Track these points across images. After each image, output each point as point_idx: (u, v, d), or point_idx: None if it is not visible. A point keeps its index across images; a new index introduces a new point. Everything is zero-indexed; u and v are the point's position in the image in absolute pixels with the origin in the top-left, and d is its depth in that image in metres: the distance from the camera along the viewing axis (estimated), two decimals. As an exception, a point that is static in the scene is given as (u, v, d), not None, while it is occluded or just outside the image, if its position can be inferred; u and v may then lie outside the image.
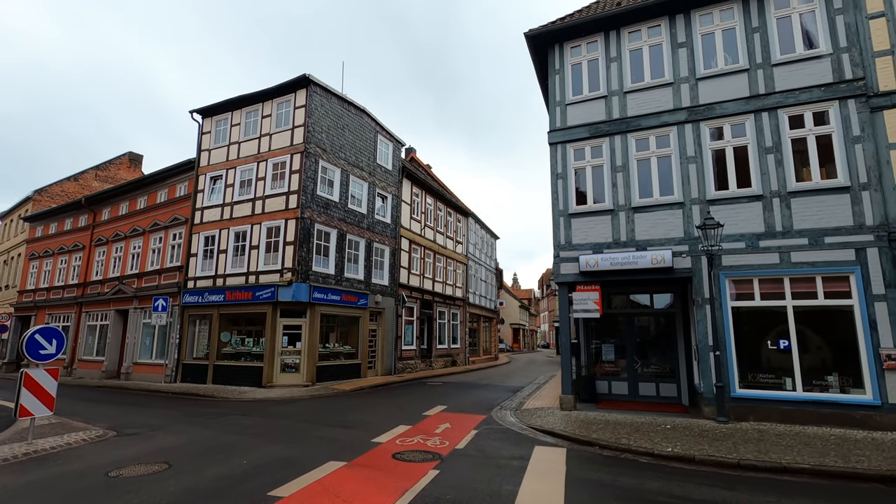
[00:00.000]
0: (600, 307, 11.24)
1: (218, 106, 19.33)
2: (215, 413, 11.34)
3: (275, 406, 12.54)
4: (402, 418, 10.44)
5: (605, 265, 11.01)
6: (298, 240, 16.53)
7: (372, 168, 20.86)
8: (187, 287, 18.74)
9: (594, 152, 11.89)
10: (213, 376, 17.30)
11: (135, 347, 20.29)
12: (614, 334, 13.09)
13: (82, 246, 24.68)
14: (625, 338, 12.80)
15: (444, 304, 26.98)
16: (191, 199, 19.58)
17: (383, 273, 21.20)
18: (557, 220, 11.95)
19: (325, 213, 17.82)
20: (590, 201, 11.74)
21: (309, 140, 17.30)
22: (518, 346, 65.99)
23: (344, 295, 18.24)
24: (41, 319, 25.93)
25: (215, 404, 13.08)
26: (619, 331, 13.04)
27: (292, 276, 16.32)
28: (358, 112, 20.24)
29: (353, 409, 11.94)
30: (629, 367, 12.56)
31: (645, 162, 11.35)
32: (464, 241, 30.78)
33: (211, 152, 19.53)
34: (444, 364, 26.30)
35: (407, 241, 23.28)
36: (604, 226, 11.44)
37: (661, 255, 10.53)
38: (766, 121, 10.30)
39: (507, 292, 64.72)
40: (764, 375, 9.67)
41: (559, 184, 12.08)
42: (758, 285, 9.89)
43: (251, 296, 16.86)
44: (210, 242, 18.69)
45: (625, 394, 12.46)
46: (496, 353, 38.07)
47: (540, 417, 10.35)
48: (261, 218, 17.49)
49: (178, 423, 9.94)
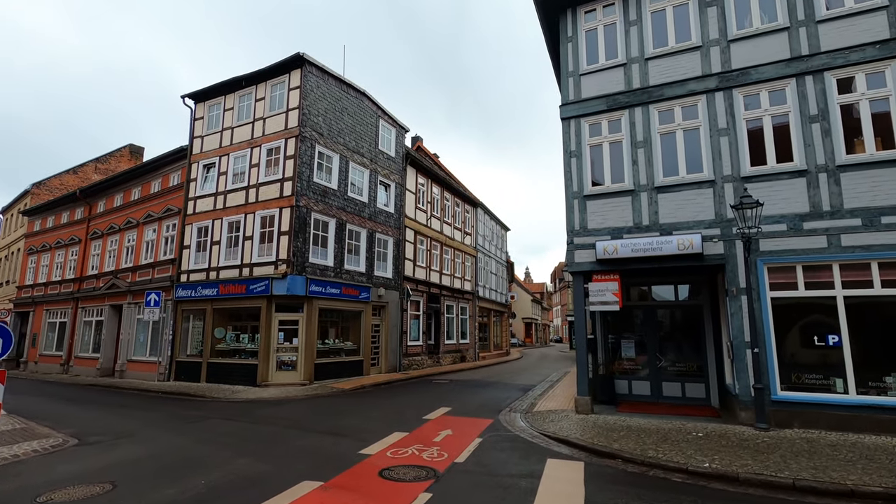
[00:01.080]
0: (620, 299, 10.08)
1: (210, 90, 18.38)
2: (197, 416, 10.42)
3: (265, 408, 11.60)
4: (399, 423, 9.42)
5: (626, 252, 9.83)
6: (294, 229, 15.54)
7: (373, 154, 19.79)
8: (180, 281, 17.90)
9: (612, 127, 10.68)
10: (206, 375, 16.45)
11: (129, 344, 19.55)
12: (634, 329, 11.92)
13: (78, 240, 24.01)
14: (646, 333, 11.62)
15: (452, 298, 25.91)
16: (183, 188, 18.70)
17: (387, 265, 20.18)
18: (571, 202, 10.78)
19: (323, 201, 16.81)
20: (607, 181, 10.55)
21: (304, 123, 16.27)
22: (530, 340, 64.81)
23: (344, 288, 17.25)
24: (39, 315, 25.38)
25: (202, 406, 12.18)
26: (639, 325, 11.87)
27: (287, 269, 15.35)
28: (357, 95, 19.16)
29: (349, 411, 10.95)
30: (651, 366, 11.39)
31: (669, 136, 10.12)
32: (472, 233, 29.64)
33: (204, 139, 18.61)
34: (452, 360, 25.28)
35: (412, 232, 22.22)
36: (623, 208, 10.25)
37: (688, 240, 9.33)
38: (811, 85, 9.01)
39: (519, 286, 63.47)
40: (810, 376, 8.45)
41: (573, 163, 10.90)
42: (801, 273, 8.65)
43: (245, 289, 15.94)
44: (203, 233, 17.80)
45: (647, 395, 11.30)
46: (507, 349, 36.96)
47: (553, 422, 9.25)
48: (254, 207, 16.53)
49: (150, 429, 9.03)
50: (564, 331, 78.07)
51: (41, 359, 24.33)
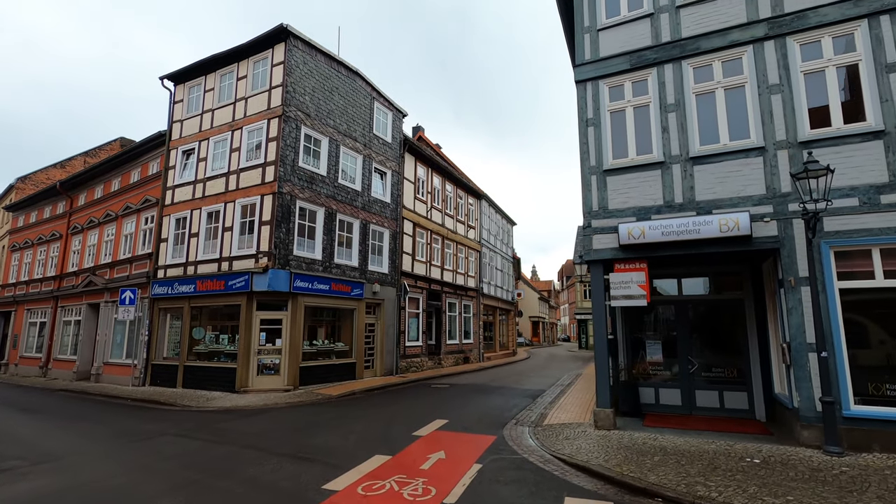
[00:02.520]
0: (647, 292, 8.44)
1: (190, 70, 16.89)
2: (150, 432, 8.91)
3: (234, 420, 10.08)
4: (383, 441, 7.85)
5: (654, 235, 8.19)
6: (276, 219, 14.01)
7: (367, 139, 18.23)
8: (157, 277, 16.44)
9: (637, 89, 9.03)
10: (183, 379, 14.98)
11: (106, 346, 18.14)
12: (661, 327, 10.28)
13: (59, 235, 22.68)
14: (676, 331, 9.96)
15: (454, 295, 24.31)
16: (161, 177, 17.24)
17: (382, 259, 18.62)
18: (588, 179, 9.15)
19: (310, 188, 15.27)
20: (631, 153, 8.90)
21: (288, 102, 14.73)
22: (538, 339, 63.06)
23: (334, 284, 15.71)
24: (20, 315, 24.10)
25: (165, 417, 10.69)
26: (667, 322, 10.22)
27: (269, 262, 13.83)
28: (350, 74, 17.60)
29: (328, 424, 9.39)
30: (682, 370, 9.73)
31: (707, 97, 8.46)
32: (476, 226, 28.01)
33: (183, 123, 17.14)
34: (454, 361, 23.69)
35: (410, 224, 20.64)
36: (651, 184, 8.60)
37: (733, 220, 7.67)
38: (888, 27, 7.32)
39: (526, 283, 61.71)
40: (892, 386, 6.78)
41: (590, 133, 9.26)
42: (880, 258, 6.97)
43: (223, 285, 14.44)
44: (181, 225, 16.33)
45: (676, 405, 9.65)
46: (514, 348, 35.30)
47: (569, 440, 7.65)
48: (235, 195, 15.03)
49: (86, 449, 7.53)
50: (573, 329, 76.25)
51: (21, 361, 23.04)
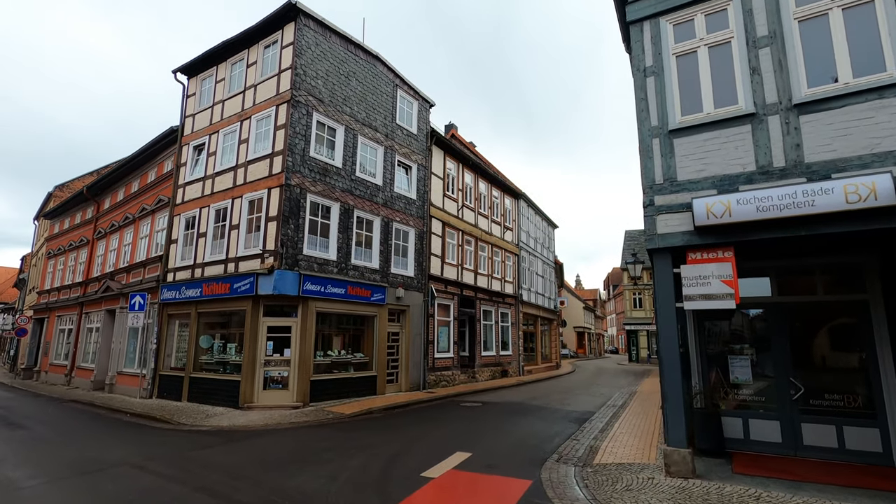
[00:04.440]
0: (736, 290, 6.21)
1: (202, 60, 15.88)
2: (110, 461, 7.43)
3: (217, 446, 8.50)
4: (378, 487, 5.98)
5: (745, 213, 5.98)
6: (283, 214, 12.55)
7: (390, 130, 16.63)
8: (166, 280, 15.37)
9: (712, 22, 6.86)
10: (188, 392, 13.70)
11: (120, 354, 17.26)
12: (749, 338, 7.92)
13: (86, 240, 22.36)
14: (770, 344, 7.60)
15: (489, 302, 22.25)
16: (173, 175, 16.27)
17: (407, 261, 16.89)
18: (648, 144, 7.03)
19: (323, 180, 13.76)
20: (707, 106, 6.72)
21: (298, 86, 13.32)
22: (583, 351, 59.65)
23: (350, 287, 14.08)
24: (52, 322, 23.96)
25: (147, 438, 9.26)
26: (758, 332, 7.86)
27: (274, 262, 12.35)
28: (369, 59, 16.10)
29: (321, 456, 7.61)
30: (781, 396, 7.35)
31: (815, 23, 6.20)
32: (514, 228, 25.90)
33: (195, 117, 16.13)
34: (490, 375, 21.56)
35: (439, 224, 18.85)
36: (737, 144, 6.40)
37: (866, 185, 5.37)
38: None
39: (569, 292, 58.61)
40: None
41: (649, 86, 7.16)
42: None
43: (229, 289, 13.09)
44: (190, 225, 15.21)
45: (775, 441, 7.25)
46: (557, 361, 32.70)
47: (632, 492, 5.52)
48: (242, 190, 13.72)
49: (28, 481, 6.07)
50: (621, 341, 71.99)
51: (51, 369, 22.76)
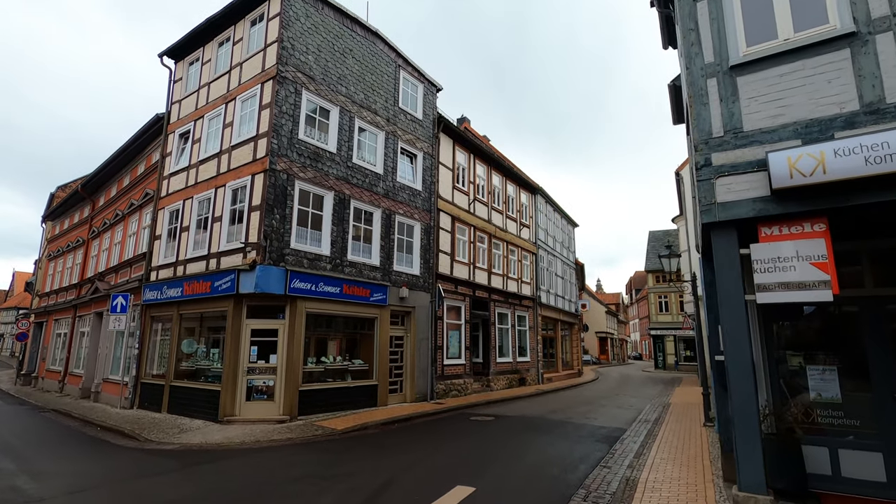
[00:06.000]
0: (833, 276, 4.50)
1: (188, 41, 14.67)
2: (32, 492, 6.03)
3: (178, 471, 7.06)
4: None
5: (849, 167, 4.28)
6: (267, 202, 11.15)
7: (391, 114, 15.17)
8: (149, 280, 14.13)
9: (787, -80, 5.18)
10: (168, 401, 12.38)
11: (106, 360, 16.09)
12: (834, 343, 6.13)
13: (82, 241, 21.44)
14: (865, 351, 5.80)
15: (505, 304, 20.56)
16: (159, 166, 15.08)
17: (412, 258, 15.36)
18: (701, 86, 5.36)
19: (314, 166, 12.34)
20: (783, 30, 5.03)
21: (285, 61, 11.95)
22: (606, 357, 57.24)
23: (346, 286, 12.60)
24: (49, 326, 23.10)
25: (100, 459, 7.91)
26: (847, 334, 6.07)
27: (257, 256, 10.94)
28: (368, 35, 14.69)
29: (286, 489, 6.09)
30: (883, 419, 5.55)
31: None
32: (531, 225, 24.18)
33: (181, 103, 14.93)
34: (507, 383, 19.82)
35: (448, 218, 17.28)
36: (831, 77, 4.69)
37: None
38: None
39: (591, 296, 56.29)
40: None
41: (700, 10, 5.49)
42: None
43: (209, 287, 11.75)
44: (174, 219, 13.97)
45: (877, 480, 5.46)
46: (579, 368, 30.71)
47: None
48: (226, 178, 12.39)
49: None
50: (644, 347, 69.13)
51: (47, 374, 21.85)
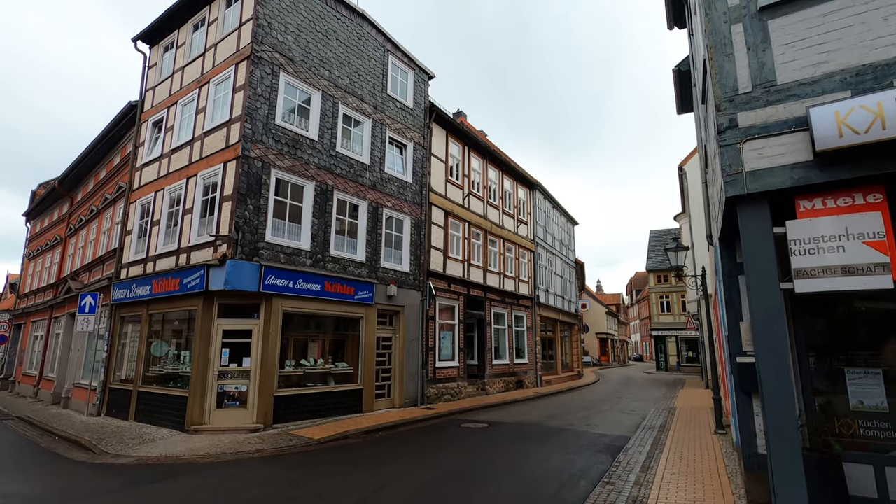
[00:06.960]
0: (894, 258, 3.59)
1: (162, 23, 13.77)
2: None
3: (119, 491, 6.15)
4: None
5: (916, 117, 3.37)
6: (239, 191, 10.24)
7: (379, 101, 14.29)
8: (119, 277, 13.22)
9: None
10: (135, 409, 11.46)
11: (78, 364, 15.16)
12: (880, 341, 5.24)
13: (60, 239, 20.54)
14: (918, 352, 4.91)
15: (502, 304, 19.66)
16: (131, 158, 14.18)
17: (402, 254, 14.46)
18: (724, 34, 4.47)
19: (293, 154, 11.45)
20: (826, -41, 4.14)
21: (261, 40, 11.07)
22: (606, 358, 56.29)
23: (328, 283, 11.70)
24: (27, 328, 22.17)
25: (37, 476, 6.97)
26: (893, 332, 5.17)
27: (228, 250, 10.03)
28: (353, 16, 13.81)
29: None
30: (942, 433, 4.65)
31: None
32: (529, 221, 23.28)
33: (155, 90, 14.04)
34: (503, 386, 18.91)
35: (441, 212, 16.39)
36: (886, 14, 3.80)
37: None
38: None
39: (591, 296, 55.35)
40: None
41: (721, -53, 4.60)
42: None
43: (178, 284, 10.84)
44: (146, 213, 13.07)
45: (937, 507, 4.54)
46: (579, 369, 29.79)
47: None
48: (198, 167, 11.50)
49: None
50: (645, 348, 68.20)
51: (23, 379, 20.92)
